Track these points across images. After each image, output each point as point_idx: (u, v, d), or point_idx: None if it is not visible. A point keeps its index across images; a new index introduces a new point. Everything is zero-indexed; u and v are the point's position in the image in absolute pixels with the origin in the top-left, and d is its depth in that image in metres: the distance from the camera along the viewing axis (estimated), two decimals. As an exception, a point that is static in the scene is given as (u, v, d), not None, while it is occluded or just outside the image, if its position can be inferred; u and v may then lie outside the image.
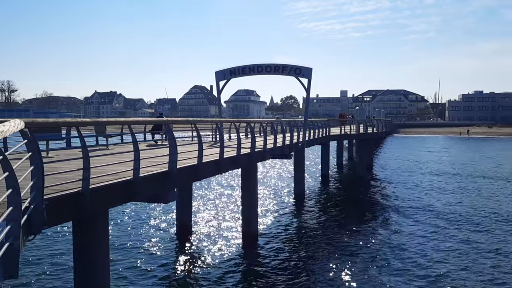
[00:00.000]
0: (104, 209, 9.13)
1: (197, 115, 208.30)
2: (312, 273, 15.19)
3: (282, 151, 21.58)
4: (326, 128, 34.91)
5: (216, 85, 25.12)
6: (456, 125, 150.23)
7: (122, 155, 10.38)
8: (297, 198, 27.46)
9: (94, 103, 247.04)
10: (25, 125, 6.03)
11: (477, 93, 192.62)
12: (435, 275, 14.67)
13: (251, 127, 17.96)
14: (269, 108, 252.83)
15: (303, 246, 18.27)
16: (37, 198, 6.36)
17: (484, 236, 19.58)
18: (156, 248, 17.47)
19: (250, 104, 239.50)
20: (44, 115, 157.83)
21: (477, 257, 16.56)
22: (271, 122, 24.78)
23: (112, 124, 11.29)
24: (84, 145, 7.82)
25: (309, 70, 23.54)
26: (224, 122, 20.41)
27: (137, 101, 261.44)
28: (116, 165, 9.67)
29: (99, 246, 9.19)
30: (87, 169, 7.72)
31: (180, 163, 11.00)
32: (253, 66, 24.37)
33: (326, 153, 37.27)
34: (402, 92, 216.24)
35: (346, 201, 28.56)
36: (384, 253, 17.15)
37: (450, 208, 25.48)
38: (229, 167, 15.89)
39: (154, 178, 10.16)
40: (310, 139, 28.31)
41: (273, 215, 23.49)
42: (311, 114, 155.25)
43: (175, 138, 10.95)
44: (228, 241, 18.56)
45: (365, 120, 46.96)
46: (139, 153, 9.27)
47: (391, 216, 23.57)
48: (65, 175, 8.07)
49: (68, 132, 14.38)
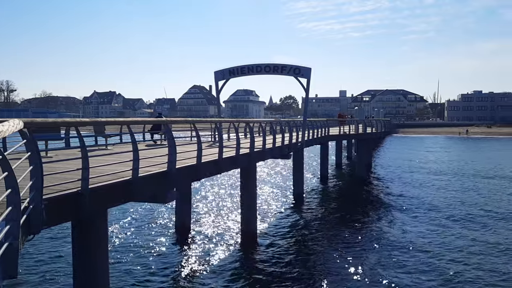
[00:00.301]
0: (103, 209, 9.13)
1: (196, 115, 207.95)
2: (311, 272, 15.19)
3: (281, 151, 21.59)
4: (325, 128, 34.90)
5: (215, 85, 25.09)
6: (455, 125, 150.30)
7: (121, 155, 10.38)
8: (296, 198, 27.46)
9: (93, 103, 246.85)
10: (24, 125, 6.03)
11: (476, 93, 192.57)
12: (436, 274, 14.69)
13: (250, 127, 17.96)
14: (268, 108, 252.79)
15: (302, 246, 18.28)
16: (36, 198, 6.36)
17: (487, 233, 19.62)
18: (155, 248, 17.48)
19: (249, 104, 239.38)
20: (43, 115, 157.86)
21: (479, 254, 16.60)
22: (270, 122, 24.78)
23: (111, 124, 11.29)
24: (83, 145, 7.81)
25: (308, 70, 23.52)
26: (223, 122, 20.46)
27: (136, 101, 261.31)
28: (115, 165, 9.66)
29: (98, 246, 9.19)
30: (86, 169, 7.72)
31: (179, 163, 11.00)
32: (252, 66, 24.34)
33: (325, 153, 37.28)
34: (401, 92, 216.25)
35: (345, 201, 28.56)
36: (383, 252, 17.17)
37: (450, 206, 25.52)
38: (228, 167, 15.88)
39: (153, 178, 10.16)
40: (309, 139, 28.31)
41: (272, 215, 23.50)
42: (310, 114, 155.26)
43: (174, 138, 10.95)
44: (227, 241, 18.57)
45: (364, 120, 46.94)
46: (138, 153, 9.27)
47: (391, 215, 23.60)
48: (64, 175, 8.06)
49: (67, 132, 14.38)
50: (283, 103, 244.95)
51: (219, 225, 21.12)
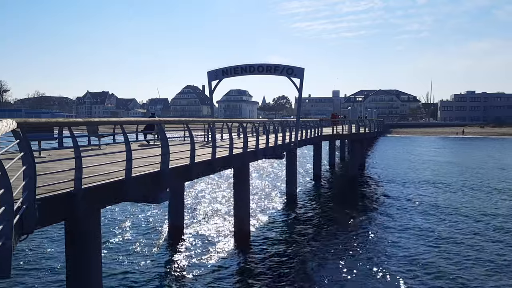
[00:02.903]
0: (96, 209, 9.14)
1: (189, 115, 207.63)
2: (303, 271, 15.26)
3: (274, 151, 21.62)
4: (318, 128, 34.97)
5: (209, 85, 25.09)
6: (449, 125, 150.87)
7: (114, 155, 10.40)
8: (289, 198, 27.52)
9: (86, 103, 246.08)
10: (17, 125, 6.05)
11: (469, 93, 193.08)
12: (426, 273, 14.78)
13: (243, 127, 17.99)
14: (261, 108, 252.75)
15: (295, 246, 18.33)
16: (29, 198, 6.38)
17: (479, 232, 19.75)
18: (148, 247, 17.48)
19: (243, 104, 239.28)
20: (36, 115, 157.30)
21: (470, 254, 16.70)
22: (263, 122, 24.82)
23: (104, 124, 11.32)
24: (76, 145, 7.83)
25: (301, 70, 23.58)
26: (216, 122, 20.49)
27: (129, 101, 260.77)
28: (108, 165, 9.68)
29: (91, 246, 9.19)
30: (79, 169, 7.75)
31: (172, 163, 11.04)
32: (246, 66, 24.37)
33: (318, 153, 37.39)
34: (394, 92, 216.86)
35: (338, 201, 28.62)
36: (375, 251, 17.27)
37: (443, 206, 25.65)
38: (222, 167, 15.91)
39: (146, 178, 10.19)
40: (302, 139, 28.37)
41: (265, 215, 23.54)
42: (303, 114, 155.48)
43: (167, 138, 10.98)
44: (221, 240, 18.61)
45: (357, 120, 47.07)
46: (131, 153, 9.29)
47: (383, 215, 23.70)
48: (57, 175, 8.08)
49: (60, 132, 14.36)
50: (276, 103, 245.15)
51: (212, 225, 21.15)
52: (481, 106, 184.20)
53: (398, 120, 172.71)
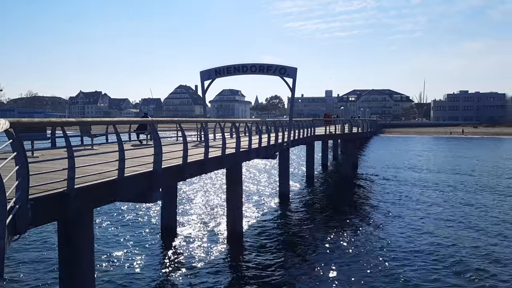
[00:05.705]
0: (89, 208, 9.16)
1: (182, 115, 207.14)
2: (296, 272, 15.30)
3: (267, 151, 21.66)
4: (311, 128, 35.03)
5: (201, 85, 25.09)
6: (441, 125, 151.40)
7: (107, 155, 10.43)
8: (282, 198, 27.54)
9: (79, 103, 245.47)
10: (10, 125, 6.07)
11: (462, 92, 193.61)
12: (420, 274, 14.88)
13: (236, 127, 18.02)
14: (254, 108, 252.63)
15: (287, 246, 18.39)
16: (22, 198, 6.40)
17: (473, 233, 19.88)
18: (141, 247, 17.50)
19: (235, 104, 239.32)
20: (29, 115, 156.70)
21: (466, 254, 16.81)
22: (256, 122, 24.86)
23: (97, 124, 11.34)
24: (69, 145, 7.86)
25: (294, 70, 23.62)
26: (209, 122, 20.52)
27: (122, 101, 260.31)
28: (101, 165, 9.71)
29: (84, 246, 9.21)
30: (72, 169, 7.77)
31: (165, 163, 11.06)
32: (238, 66, 24.39)
33: (311, 153, 37.45)
34: (387, 92, 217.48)
35: (331, 201, 28.73)
36: (368, 251, 17.35)
37: (436, 205, 25.81)
38: (214, 167, 15.95)
39: (139, 178, 10.21)
40: (295, 139, 28.43)
41: (258, 215, 23.59)
42: (296, 114, 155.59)
43: (160, 138, 11.01)
44: (213, 241, 18.64)
45: (350, 120, 47.18)
46: (124, 153, 9.32)
47: (375, 215, 23.81)
48: (50, 175, 8.11)
49: (53, 132, 14.37)
50: (269, 103, 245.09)
51: (205, 225, 21.18)
52: (474, 106, 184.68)
53: (391, 120, 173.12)
